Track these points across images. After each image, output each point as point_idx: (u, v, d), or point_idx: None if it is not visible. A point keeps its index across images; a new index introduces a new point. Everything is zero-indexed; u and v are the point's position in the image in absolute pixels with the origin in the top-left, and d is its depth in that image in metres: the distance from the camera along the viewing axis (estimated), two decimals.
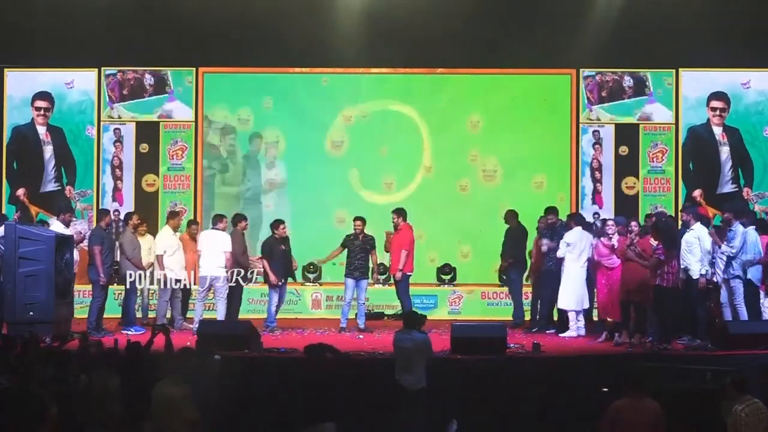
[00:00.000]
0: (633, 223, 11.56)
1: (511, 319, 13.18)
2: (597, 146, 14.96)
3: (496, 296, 14.24)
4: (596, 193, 14.96)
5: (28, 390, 5.16)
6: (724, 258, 11.25)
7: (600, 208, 14.89)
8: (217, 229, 12.60)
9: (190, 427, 7.16)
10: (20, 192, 14.95)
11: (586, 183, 14.98)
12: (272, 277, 12.59)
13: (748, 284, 11.62)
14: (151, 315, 13.05)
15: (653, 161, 14.90)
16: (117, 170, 15.12)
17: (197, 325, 11.67)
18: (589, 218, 14.33)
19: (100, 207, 14.68)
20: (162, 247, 12.56)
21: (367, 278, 12.94)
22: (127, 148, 15.10)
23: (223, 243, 12.45)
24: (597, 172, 14.97)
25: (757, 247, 11.44)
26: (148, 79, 15.05)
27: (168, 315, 12.70)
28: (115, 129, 15.08)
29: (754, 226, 11.82)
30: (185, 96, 15.07)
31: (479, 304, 14.17)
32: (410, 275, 12.87)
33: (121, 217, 14.61)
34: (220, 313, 12.43)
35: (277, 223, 12.96)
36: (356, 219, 12.97)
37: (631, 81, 14.90)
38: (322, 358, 8.56)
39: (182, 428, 7.18)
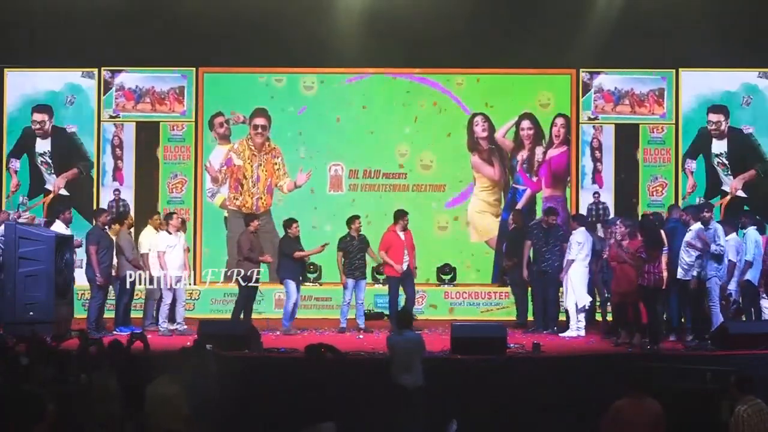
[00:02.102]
0: (617, 223, 11.54)
1: (515, 319, 13.25)
2: (597, 126, 14.97)
3: (459, 296, 14.29)
4: (596, 172, 14.97)
5: (26, 389, 5.15)
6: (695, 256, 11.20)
7: (600, 187, 14.91)
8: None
9: (183, 424, 7.18)
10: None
11: (587, 162, 15.00)
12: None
13: (748, 285, 11.62)
14: (137, 315, 13.02)
15: (653, 132, 14.91)
16: (117, 149, 15.11)
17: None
18: (590, 198, 14.63)
19: (98, 195, 14.85)
20: (146, 247, 12.56)
21: (365, 278, 12.94)
22: (127, 128, 15.07)
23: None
24: (597, 152, 14.99)
25: (758, 248, 11.43)
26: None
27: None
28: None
29: (754, 226, 11.81)
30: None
31: (442, 304, 14.12)
32: None
33: (122, 196, 14.72)
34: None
35: (289, 222, 12.92)
36: (356, 218, 12.94)
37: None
38: (322, 358, 8.55)
39: (176, 425, 7.20)
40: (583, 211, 14.63)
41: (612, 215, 14.51)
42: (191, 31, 14.19)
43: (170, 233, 12.47)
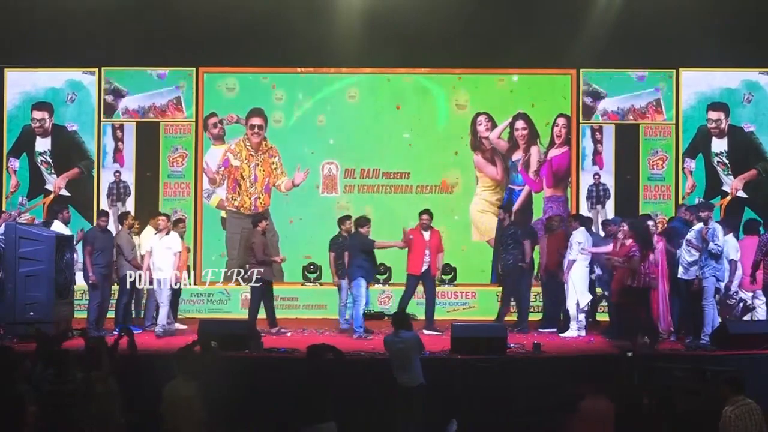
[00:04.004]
0: (624, 226, 11.56)
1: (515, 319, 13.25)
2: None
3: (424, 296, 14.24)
4: (597, 153, 14.97)
5: (9, 391, 5.15)
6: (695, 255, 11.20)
7: (600, 168, 14.93)
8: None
9: (197, 425, 7.20)
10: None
11: (587, 144, 15.00)
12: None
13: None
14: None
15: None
16: (118, 131, 15.09)
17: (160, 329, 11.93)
18: (590, 180, 14.73)
19: (99, 194, 14.86)
20: (147, 247, 12.52)
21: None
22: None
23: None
24: (597, 133, 15.01)
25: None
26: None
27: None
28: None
29: (731, 233, 11.75)
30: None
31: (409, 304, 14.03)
32: None
33: (122, 178, 14.82)
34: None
35: (364, 221, 12.52)
36: (345, 219, 12.90)
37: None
38: (324, 358, 8.56)
39: (191, 427, 7.22)
40: (583, 192, 14.75)
41: (612, 196, 14.66)
42: (191, 31, 14.19)
43: (162, 233, 12.33)
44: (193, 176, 15.03)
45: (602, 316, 13.22)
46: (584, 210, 14.75)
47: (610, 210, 14.80)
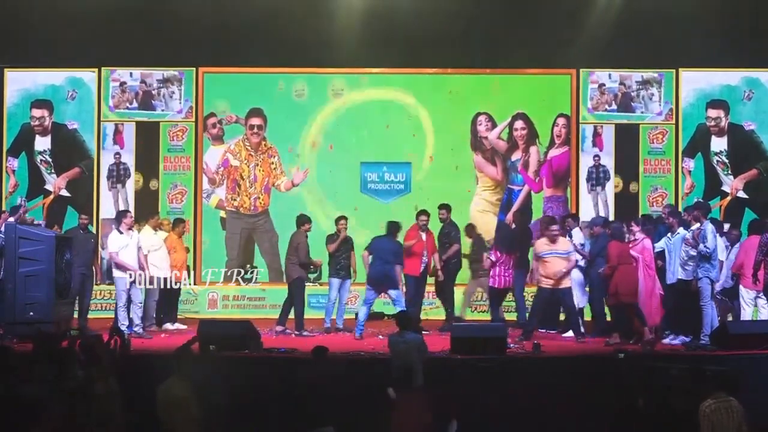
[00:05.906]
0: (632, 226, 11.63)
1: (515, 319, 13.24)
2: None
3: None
4: (597, 135, 14.97)
5: (24, 392, 5.15)
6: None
7: (600, 150, 14.93)
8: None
9: (193, 424, 7.20)
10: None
11: (586, 126, 15.01)
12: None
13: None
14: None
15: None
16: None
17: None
18: (591, 161, 14.81)
19: (99, 193, 14.84)
20: (145, 247, 12.44)
21: (350, 278, 12.92)
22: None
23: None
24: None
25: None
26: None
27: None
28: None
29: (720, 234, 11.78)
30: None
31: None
32: None
33: (122, 160, 14.81)
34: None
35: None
36: (341, 218, 12.91)
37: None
38: (327, 359, 8.59)
39: (186, 426, 7.22)
40: (583, 173, 14.84)
41: (612, 179, 14.78)
42: (191, 31, 14.19)
43: (121, 232, 12.14)
44: (192, 205, 14.92)
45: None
46: (584, 192, 14.79)
47: (609, 192, 14.80)
